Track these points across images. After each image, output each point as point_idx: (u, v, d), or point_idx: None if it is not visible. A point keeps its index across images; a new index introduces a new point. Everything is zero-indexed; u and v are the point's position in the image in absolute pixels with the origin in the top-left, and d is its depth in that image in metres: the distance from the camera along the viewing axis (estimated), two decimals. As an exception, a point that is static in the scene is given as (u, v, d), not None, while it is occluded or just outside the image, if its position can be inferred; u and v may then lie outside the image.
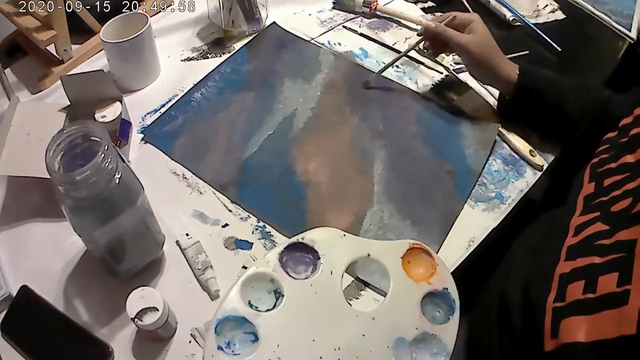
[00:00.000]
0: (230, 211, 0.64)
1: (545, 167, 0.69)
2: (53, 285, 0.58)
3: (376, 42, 0.87)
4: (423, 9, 0.92)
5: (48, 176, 0.44)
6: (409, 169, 0.68)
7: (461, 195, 0.66)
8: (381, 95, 0.78)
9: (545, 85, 0.67)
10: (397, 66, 0.82)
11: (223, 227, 0.63)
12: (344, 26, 0.89)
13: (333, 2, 0.93)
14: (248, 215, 0.64)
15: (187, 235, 0.61)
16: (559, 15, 0.92)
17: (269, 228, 0.62)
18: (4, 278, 0.58)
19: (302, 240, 0.55)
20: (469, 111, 0.76)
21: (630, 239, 0.42)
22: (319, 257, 0.54)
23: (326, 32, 0.88)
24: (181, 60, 0.83)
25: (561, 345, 0.42)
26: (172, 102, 0.76)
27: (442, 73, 0.82)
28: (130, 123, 0.70)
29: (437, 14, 0.90)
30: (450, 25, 0.71)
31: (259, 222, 0.63)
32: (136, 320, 0.49)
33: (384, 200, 0.65)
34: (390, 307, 0.52)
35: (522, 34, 0.88)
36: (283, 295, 0.52)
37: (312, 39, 0.86)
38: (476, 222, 0.63)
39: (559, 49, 0.84)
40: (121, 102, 0.68)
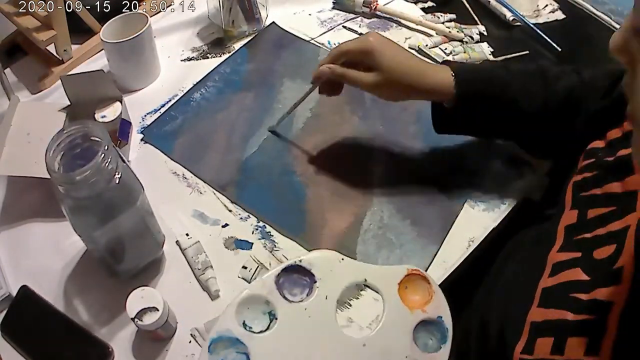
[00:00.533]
0: (230, 211, 0.64)
1: (545, 167, 0.69)
2: (53, 285, 0.58)
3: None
4: (423, 9, 0.92)
5: (48, 176, 0.44)
6: (408, 169, 0.68)
7: (461, 195, 0.66)
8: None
9: (489, 79, 0.58)
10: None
11: (223, 227, 0.63)
12: (344, 26, 0.89)
13: (333, 2, 0.93)
14: (248, 215, 0.64)
15: (187, 235, 0.61)
16: (559, 15, 0.92)
17: (269, 228, 0.62)
18: (4, 278, 0.58)
19: (300, 262, 0.55)
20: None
21: (606, 301, 0.39)
22: (315, 280, 0.54)
23: (326, 32, 0.88)
24: (181, 60, 0.83)
25: None
26: (172, 102, 0.76)
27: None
28: (130, 123, 0.70)
29: (437, 14, 0.90)
30: (347, 64, 0.59)
31: (259, 222, 0.63)
32: (136, 320, 0.49)
33: (384, 200, 0.65)
34: (382, 333, 0.52)
35: (522, 34, 0.88)
36: (277, 318, 0.52)
37: (312, 39, 0.86)
38: (476, 222, 0.63)
39: (559, 49, 0.84)
40: (121, 102, 0.69)
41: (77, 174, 0.43)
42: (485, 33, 0.88)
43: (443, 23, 0.89)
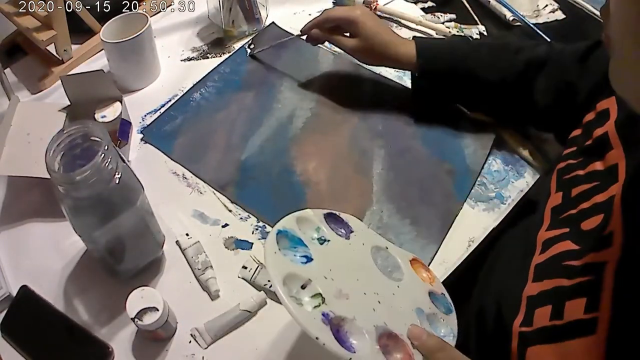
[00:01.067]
0: (230, 211, 0.64)
1: (545, 167, 0.69)
2: (53, 285, 0.58)
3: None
4: (423, 9, 0.92)
5: (48, 176, 0.44)
6: (408, 169, 0.68)
7: (460, 195, 0.66)
8: (380, 94, 0.78)
9: (450, 50, 0.67)
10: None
11: (223, 227, 0.63)
12: (343, 26, 0.89)
13: (333, 2, 0.93)
14: (248, 215, 0.64)
15: (187, 235, 0.61)
16: (559, 15, 0.92)
17: (268, 228, 0.62)
18: (4, 278, 0.58)
19: (339, 214, 0.56)
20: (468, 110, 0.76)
21: (600, 261, 0.40)
22: (352, 231, 0.55)
23: (326, 32, 0.88)
24: (181, 60, 0.83)
25: None
26: (172, 102, 0.76)
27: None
28: (130, 123, 0.70)
29: (437, 14, 0.90)
30: (334, 27, 0.71)
31: (259, 222, 0.63)
32: (136, 320, 0.49)
33: (383, 199, 0.65)
34: (408, 285, 0.52)
35: (522, 34, 0.88)
36: (329, 240, 0.52)
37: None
38: (476, 222, 0.63)
39: (559, 49, 0.84)
40: (121, 102, 0.69)
41: (77, 174, 0.43)
42: (485, 33, 0.88)
43: (443, 23, 0.89)
